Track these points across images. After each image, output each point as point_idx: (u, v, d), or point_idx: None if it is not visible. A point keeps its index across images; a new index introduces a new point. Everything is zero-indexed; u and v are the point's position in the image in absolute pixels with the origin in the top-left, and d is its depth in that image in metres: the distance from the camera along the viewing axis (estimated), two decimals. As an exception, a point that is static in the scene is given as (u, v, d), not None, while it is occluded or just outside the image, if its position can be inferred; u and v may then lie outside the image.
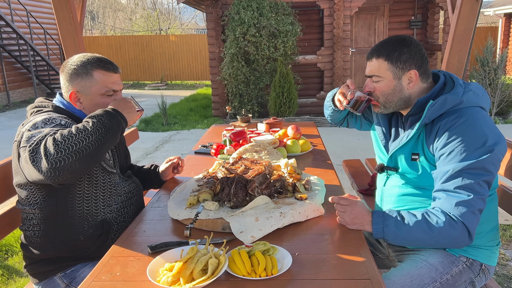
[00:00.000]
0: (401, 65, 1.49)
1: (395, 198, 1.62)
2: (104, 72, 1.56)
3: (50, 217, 1.52)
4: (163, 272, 1.14)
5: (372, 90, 1.56)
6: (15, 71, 12.03)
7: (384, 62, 1.50)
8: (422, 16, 9.57)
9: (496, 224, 1.57)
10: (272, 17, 7.82)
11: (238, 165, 1.80)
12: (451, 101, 1.42)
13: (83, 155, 1.26)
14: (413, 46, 1.50)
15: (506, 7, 13.38)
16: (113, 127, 1.34)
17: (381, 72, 1.52)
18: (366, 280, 1.10)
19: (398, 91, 1.52)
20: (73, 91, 1.55)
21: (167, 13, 28.90)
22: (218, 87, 8.77)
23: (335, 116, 1.95)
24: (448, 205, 1.34)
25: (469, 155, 1.34)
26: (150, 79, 16.69)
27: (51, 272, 1.59)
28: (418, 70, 1.50)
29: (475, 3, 2.92)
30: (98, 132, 1.30)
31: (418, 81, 1.51)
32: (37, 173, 1.27)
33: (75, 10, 2.93)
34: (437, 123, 1.44)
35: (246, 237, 1.33)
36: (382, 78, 1.52)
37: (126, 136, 3.12)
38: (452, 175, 1.35)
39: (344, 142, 6.48)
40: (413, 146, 1.52)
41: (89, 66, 1.55)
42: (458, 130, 1.38)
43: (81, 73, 1.54)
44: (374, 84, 1.55)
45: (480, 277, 1.53)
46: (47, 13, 13.56)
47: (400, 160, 1.57)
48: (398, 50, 1.49)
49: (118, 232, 1.63)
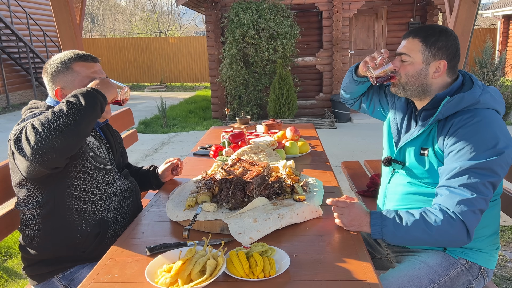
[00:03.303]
0: (434, 51, 1.48)
1: (399, 196, 1.62)
2: (83, 63, 1.60)
3: (49, 215, 1.54)
4: (162, 274, 1.15)
5: (397, 69, 1.54)
6: (14, 74, 12.03)
7: (419, 43, 1.49)
8: (420, 18, 9.58)
9: (497, 229, 1.57)
10: (271, 19, 7.83)
11: (236, 167, 1.81)
12: (468, 100, 1.42)
13: (62, 132, 1.28)
14: (451, 38, 1.49)
15: (504, 9, 13.41)
16: (88, 102, 1.36)
17: (413, 52, 1.50)
18: (363, 281, 1.11)
19: (423, 76, 1.50)
20: (58, 88, 1.58)
21: (166, 15, 28.93)
22: (218, 89, 8.78)
23: (350, 88, 1.86)
24: (449, 202, 1.34)
25: (478, 155, 1.34)
26: (150, 81, 16.70)
27: (49, 274, 1.59)
28: (448, 62, 1.49)
29: (473, 5, 2.93)
30: (74, 108, 1.32)
31: (444, 73, 1.50)
32: (24, 160, 1.32)
33: (74, 12, 2.94)
34: (451, 120, 1.44)
35: (244, 239, 1.33)
36: (411, 59, 1.50)
37: (125, 138, 3.12)
38: (459, 172, 1.35)
39: (343, 144, 6.49)
40: (423, 141, 1.52)
41: (68, 62, 1.58)
42: (471, 129, 1.38)
43: (62, 70, 1.58)
44: (402, 63, 1.53)
45: (479, 280, 1.53)
46: (46, 16, 13.57)
47: (408, 153, 1.56)
48: (436, 36, 1.48)
49: (116, 231, 1.64)
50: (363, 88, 1.84)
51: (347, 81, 1.84)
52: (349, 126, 8.01)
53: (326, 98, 8.79)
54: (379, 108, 1.88)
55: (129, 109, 3.40)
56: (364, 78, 1.75)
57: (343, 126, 7.97)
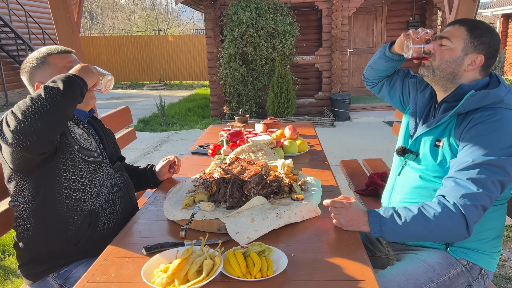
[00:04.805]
0: (476, 43, 1.47)
1: (407, 190, 1.60)
2: (56, 55, 1.63)
3: (40, 208, 1.54)
4: (158, 273, 1.14)
5: (434, 51, 1.53)
6: (13, 71, 12.00)
7: (465, 32, 1.48)
8: (420, 16, 9.58)
9: (501, 232, 1.56)
10: (271, 17, 7.81)
11: (234, 166, 1.80)
12: (492, 97, 1.41)
13: (41, 114, 1.29)
14: (496, 38, 1.49)
15: (504, 8, 13.41)
16: (66, 85, 1.37)
17: (456, 38, 1.49)
18: (361, 281, 1.10)
19: (457, 64, 1.49)
20: (38, 84, 1.60)
21: (165, 14, 28.87)
22: (217, 87, 8.76)
23: (378, 65, 1.82)
24: (454, 193, 1.33)
25: (493, 152, 1.33)
26: (149, 79, 16.68)
27: (44, 273, 1.58)
28: (485, 58, 1.48)
29: (472, 3, 2.93)
30: (52, 92, 1.33)
31: (477, 69, 1.50)
32: (7, 147, 1.35)
33: (72, 9, 2.92)
34: (471, 115, 1.43)
35: (242, 238, 1.32)
36: (452, 44, 1.49)
37: (124, 136, 3.11)
38: (470, 166, 1.34)
39: (342, 143, 6.48)
40: (440, 133, 1.51)
41: (43, 57, 1.62)
42: (490, 126, 1.37)
43: (38, 65, 1.61)
44: (440, 47, 1.52)
45: (479, 281, 1.52)
46: (45, 13, 13.54)
47: (424, 144, 1.55)
48: (483, 31, 1.47)
49: (107, 223, 1.63)
50: (391, 67, 1.81)
51: (377, 56, 1.82)
52: (348, 125, 8.00)
53: (325, 97, 8.79)
54: (400, 95, 1.86)
55: (127, 107, 3.39)
56: (395, 56, 1.73)
57: (342, 125, 7.96)
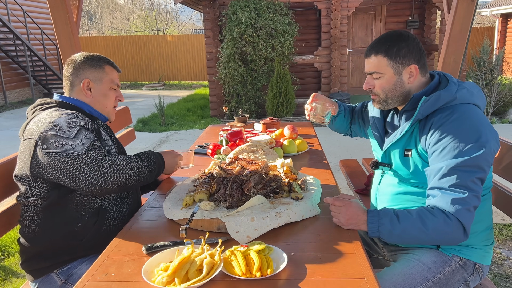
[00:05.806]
0: (400, 60, 1.48)
1: (389, 197, 1.62)
2: (112, 68, 1.78)
3: (51, 205, 1.56)
4: (158, 273, 1.14)
5: (373, 87, 1.56)
6: (12, 72, 12.00)
7: (384, 58, 1.49)
8: (419, 16, 9.59)
9: (490, 223, 1.57)
10: (270, 17, 7.82)
11: (234, 165, 1.80)
12: (445, 98, 1.42)
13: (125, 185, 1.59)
14: (410, 40, 1.49)
15: (502, 7, 13.43)
16: (155, 170, 1.70)
17: (382, 68, 1.51)
18: (361, 280, 1.11)
19: (399, 86, 1.51)
20: (87, 79, 1.69)
21: (164, 13, 28.86)
22: (216, 87, 8.76)
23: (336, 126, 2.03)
24: (443, 202, 1.34)
25: (463, 152, 1.34)
26: (148, 80, 16.67)
27: (47, 269, 1.59)
28: (417, 64, 1.49)
29: (471, 3, 2.93)
30: (149, 171, 1.66)
31: (418, 75, 1.51)
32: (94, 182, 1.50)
33: (71, 10, 2.92)
34: (431, 119, 1.44)
35: (242, 237, 1.33)
36: (382, 74, 1.51)
37: (123, 136, 3.12)
38: (446, 172, 1.35)
39: (341, 142, 6.49)
40: (406, 142, 1.52)
41: (101, 60, 1.75)
42: (451, 126, 1.38)
43: (94, 65, 1.72)
44: (375, 81, 1.54)
45: (474, 276, 1.53)
46: (44, 13, 13.53)
47: (393, 155, 1.57)
48: (397, 45, 1.48)
49: (113, 220, 1.65)
50: (344, 120, 1.99)
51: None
52: (347, 124, 8.00)
53: (325, 97, 8.79)
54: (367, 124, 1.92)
55: (126, 107, 3.40)
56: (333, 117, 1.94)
57: (341, 125, 7.95)
